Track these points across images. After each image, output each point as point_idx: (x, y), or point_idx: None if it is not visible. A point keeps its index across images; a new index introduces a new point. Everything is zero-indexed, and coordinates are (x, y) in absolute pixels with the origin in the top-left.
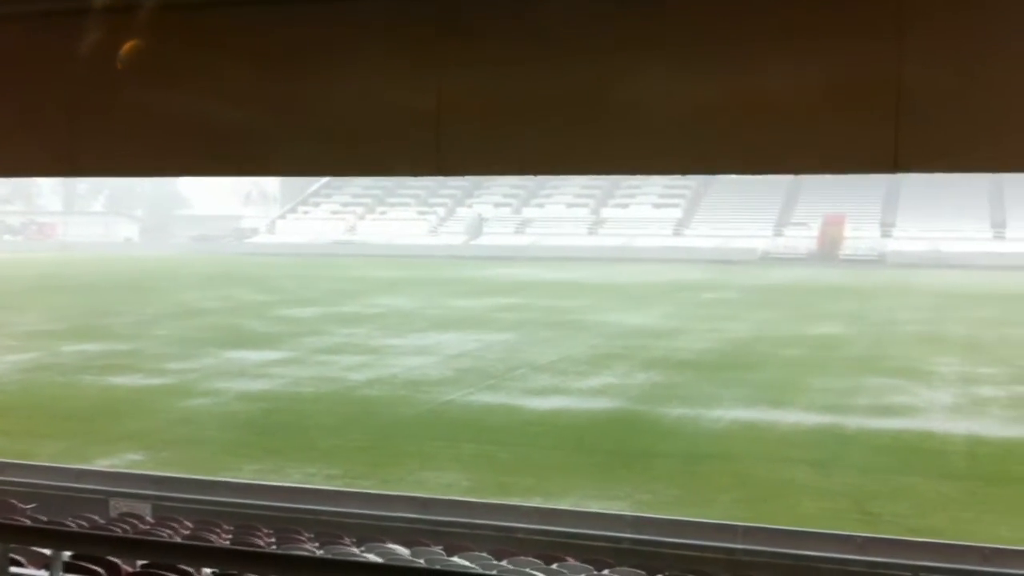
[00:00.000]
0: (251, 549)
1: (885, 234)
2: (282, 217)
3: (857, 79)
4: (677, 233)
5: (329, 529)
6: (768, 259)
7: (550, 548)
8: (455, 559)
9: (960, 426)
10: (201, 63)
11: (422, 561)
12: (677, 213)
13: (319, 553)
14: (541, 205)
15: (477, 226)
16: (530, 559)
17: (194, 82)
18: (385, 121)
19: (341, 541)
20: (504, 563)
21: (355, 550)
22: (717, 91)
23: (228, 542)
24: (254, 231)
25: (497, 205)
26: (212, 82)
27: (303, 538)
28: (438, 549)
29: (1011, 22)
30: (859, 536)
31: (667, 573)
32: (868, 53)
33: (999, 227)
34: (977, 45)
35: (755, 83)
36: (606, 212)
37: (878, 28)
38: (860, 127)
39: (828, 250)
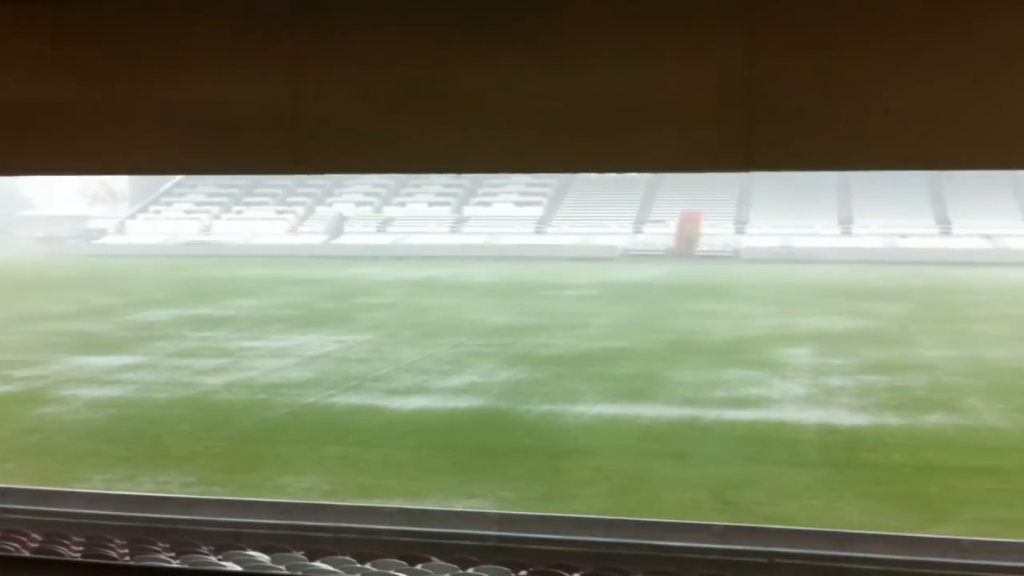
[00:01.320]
0: (103, 561)
1: (739, 231)
2: (132, 217)
3: (710, 78)
4: (539, 231)
5: (185, 538)
6: (628, 256)
7: (415, 549)
8: (317, 564)
9: (811, 415)
10: (49, 56)
11: (283, 567)
12: (539, 211)
13: (175, 563)
14: (403, 204)
15: (337, 225)
16: (394, 560)
17: (41, 76)
18: (240, 118)
19: (198, 550)
20: (368, 566)
21: (213, 559)
22: (576, 90)
23: (79, 555)
24: (102, 232)
25: (358, 204)
26: (59, 76)
27: (158, 548)
28: (300, 555)
29: (861, 20)
30: (718, 525)
31: (532, 569)
32: (720, 52)
33: (846, 223)
34: (828, 44)
35: (611, 82)
36: (468, 210)
37: (730, 27)
38: (714, 126)
39: (685, 246)
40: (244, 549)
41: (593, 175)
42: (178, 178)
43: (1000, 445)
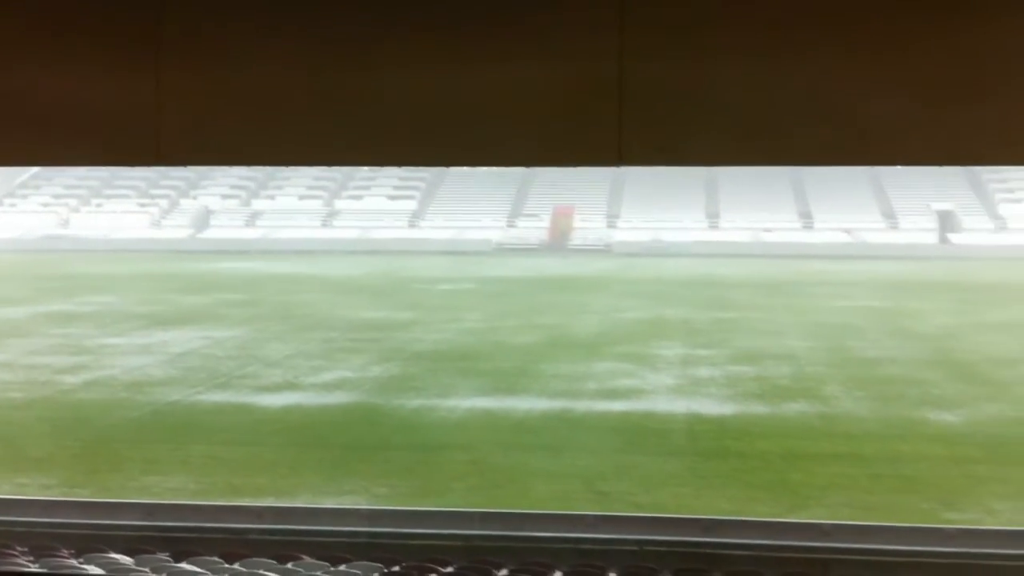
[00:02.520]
0: None
1: (611, 224)
2: None
3: (583, 77)
4: (412, 225)
5: (44, 542)
6: (502, 250)
7: (285, 548)
8: (183, 565)
9: (681, 405)
10: None
11: (147, 570)
12: (412, 205)
13: (33, 567)
14: (272, 197)
15: (203, 218)
16: (264, 560)
17: None
18: (101, 110)
19: (58, 553)
20: (236, 566)
21: (73, 562)
22: (449, 85)
23: None
24: None
25: (224, 197)
26: None
27: (15, 552)
28: (164, 556)
29: (728, 23)
30: (589, 515)
31: (405, 564)
32: (592, 49)
33: (713, 217)
34: (695, 42)
35: (486, 78)
36: (340, 204)
37: (601, 24)
38: (586, 121)
39: (558, 240)
40: (106, 552)
41: (467, 169)
42: (34, 170)
43: (860, 432)
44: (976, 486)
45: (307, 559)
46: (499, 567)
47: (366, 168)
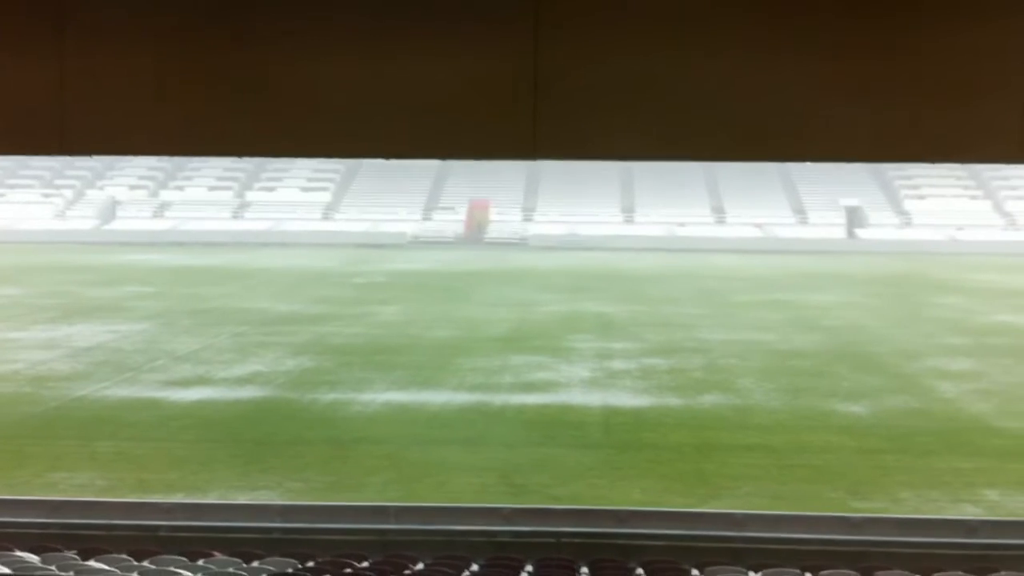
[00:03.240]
0: None
1: (527, 218)
2: None
3: (500, 70)
4: (326, 217)
5: None
6: (417, 243)
7: (196, 544)
8: (91, 563)
9: (596, 398)
10: None
11: (54, 568)
12: (326, 197)
13: None
14: (181, 188)
15: (110, 209)
16: (174, 557)
17: None
18: (0, 96)
19: None
20: (145, 563)
21: None
22: (365, 78)
23: None
24: None
25: (132, 187)
26: None
27: None
28: (71, 554)
29: (642, 20)
30: (506, 508)
31: (320, 560)
32: (508, 44)
33: (629, 212)
34: (610, 39)
35: (404, 71)
36: (251, 195)
37: (517, 20)
38: (501, 115)
39: (474, 234)
40: (11, 550)
41: (382, 161)
42: None
43: (771, 423)
44: (882, 476)
45: (219, 556)
46: (415, 561)
47: (279, 159)
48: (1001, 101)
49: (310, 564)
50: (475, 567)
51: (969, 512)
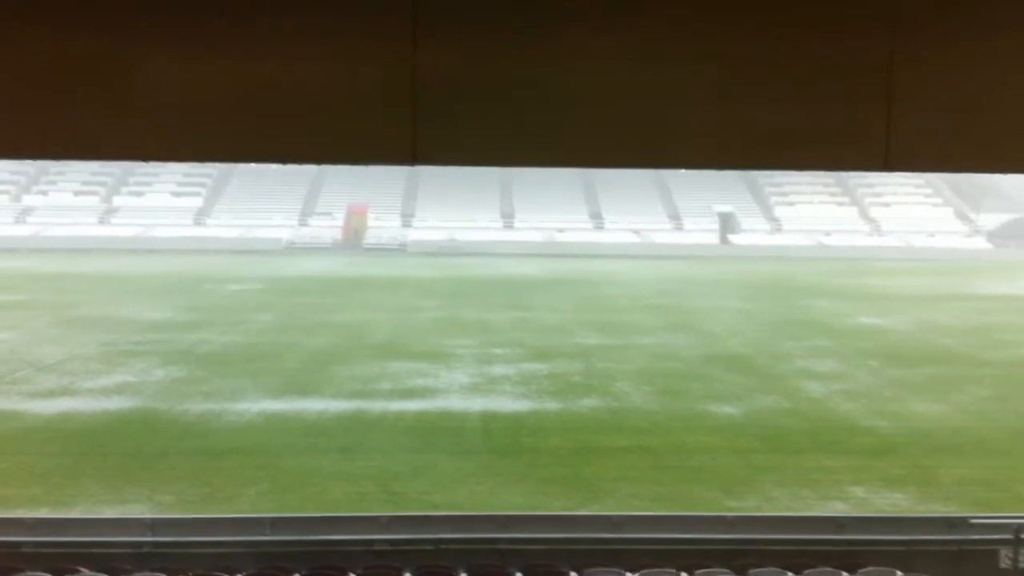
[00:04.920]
0: None
1: (406, 224)
2: None
3: (376, 72)
4: (198, 223)
5: None
6: (293, 249)
7: (61, 560)
8: None
9: (476, 404)
10: None
11: None
12: (198, 202)
13: None
14: (44, 192)
15: None
16: (39, 574)
17: None
18: None
19: None
20: None
21: None
22: (238, 79)
23: None
24: None
25: None
26: None
27: None
28: None
29: (525, 19)
30: (384, 516)
31: (192, 574)
32: (386, 46)
33: (508, 217)
34: (490, 42)
35: (276, 73)
36: (119, 200)
37: (395, 20)
38: (379, 119)
39: (352, 239)
40: None
41: (256, 166)
42: None
43: (648, 425)
44: (754, 475)
45: (86, 572)
46: (291, 573)
47: (148, 163)
48: (866, 110)
49: None
50: None
51: (837, 509)
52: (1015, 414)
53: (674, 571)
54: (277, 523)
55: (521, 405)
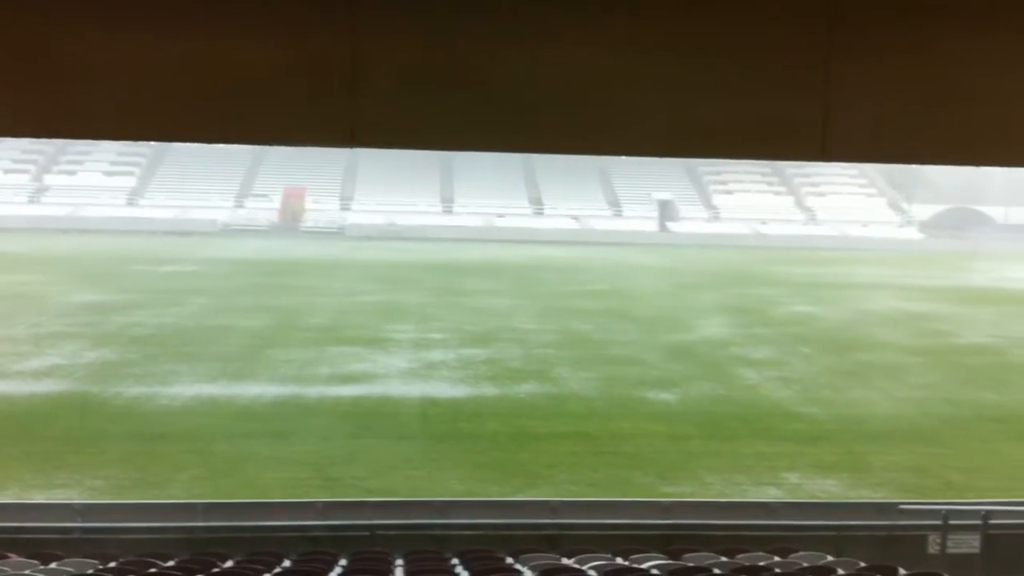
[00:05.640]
0: None
1: (344, 207)
2: None
3: (314, 51)
4: (131, 203)
5: None
6: (229, 231)
7: None
8: None
9: (414, 389)
10: None
11: None
12: (131, 182)
13: None
14: None
15: None
16: None
17: None
18: None
19: None
20: None
21: None
22: (178, 57)
23: None
24: None
25: None
26: None
27: None
28: None
29: (462, 2)
30: (319, 502)
31: (123, 560)
32: (325, 26)
33: (448, 202)
34: (430, 25)
35: (212, 50)
36: (50, 179)
37: (335, 1)
38: (318, 100)
39: (289, 222)
40: None
41: (192, 145)
42: None
43: (586, 411)
44: (690, 461)
45: (15, 557)
46: (224, 559)
47: (80, 141)
48: (804, 100)
49: (112, 565)
50: (287, 563)
51: (771, 495)
52: (945, 402)
53: (610, 556)
54: (211, 509)
55: (459, 390)
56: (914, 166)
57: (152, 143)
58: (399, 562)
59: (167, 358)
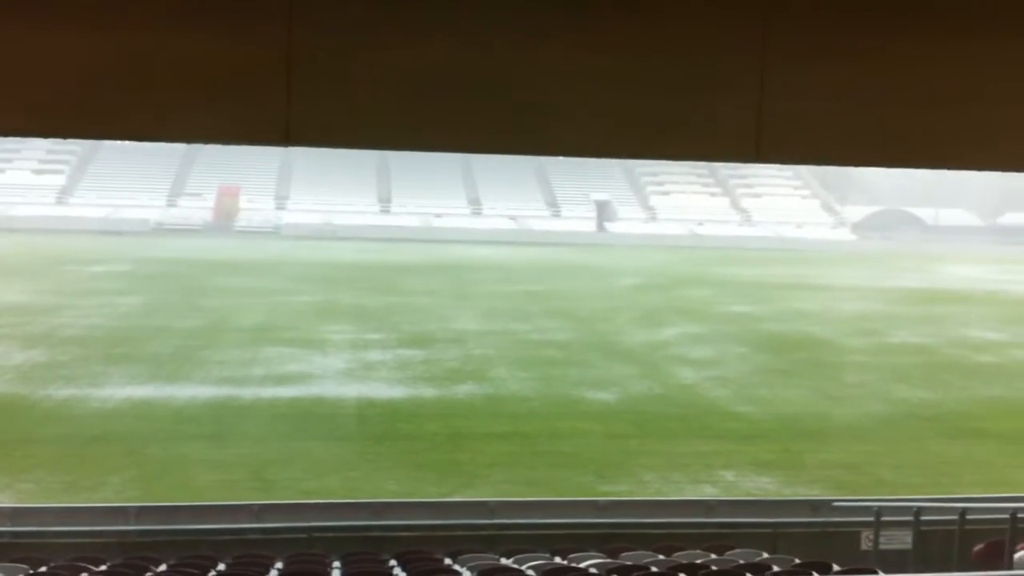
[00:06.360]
0: None
1: (280, 206)
2: None
3: (249, 47)
4: (61, 202)
5: None
6: (162, 230)
7: None
8: None
9: (351, 390)
10: None
11: None
12: (61, 180)
13: None
14: None
15: None
16: None
17: None
18: None
19: None
20: None
21: None
22: (108, 51)
23: None
24: None
25: None
26: None
27: None
28: None
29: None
30: (255, 504)
31: (53, 564)
32: (261, 21)
33: (385, 202)
34: (369, 19)
35: (147, 45)
36: None
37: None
38: (252, 97)
39: (223, 221)
40: None
41: (124, 144)
42: None
43: (524, 411)
44: (627, 459)
45: None
46: (158, 563)
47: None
48: (739, 101)
49: (43, 569)
50: (222, 566)
51: (708, 492)
52: (877, 400)
53: (548, 556)
54: (144, 512)
55: (397, 391)
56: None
57: (83, 141)
58: (336, 564)
59: (98, 360)
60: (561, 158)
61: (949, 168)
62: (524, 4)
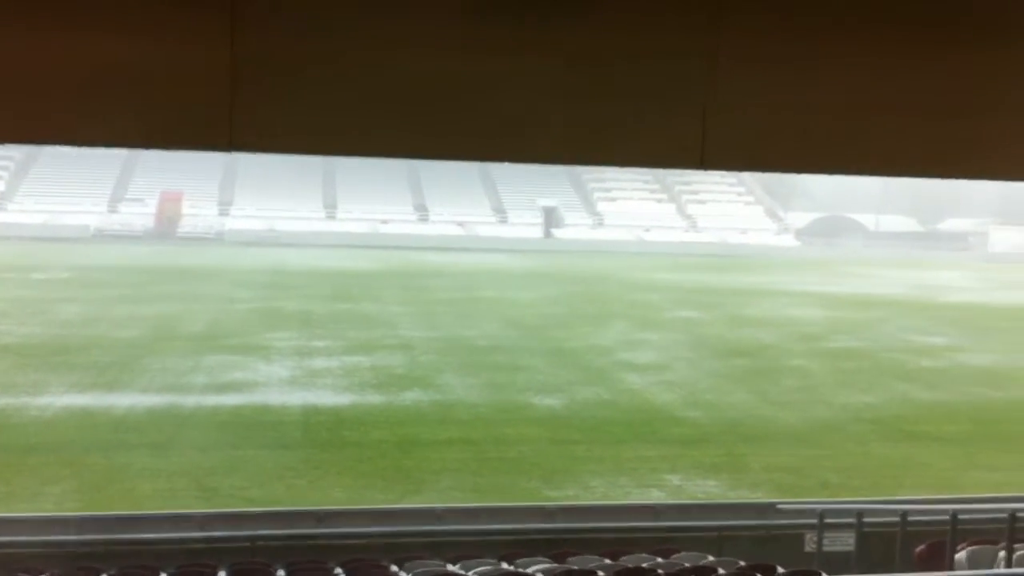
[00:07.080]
0: None
1: (223, 212)
2: None
3: (191, 51)
4: None
5: None
6: (102, 236)
7: None
8: None
9: (296, 397)
10: None
11: None
12: None
13: None
14: None
15: None
16: None
17: None
18: None
19: None
20: None
21: None
22: (40, 54)
23: None
24: None
25: None
26: None
27: None
28: None
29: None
30: (198, 513)
31: None
32: (203, 23)
33: (331, 208)
34: (315, 24)
35: (84, 49)
36: None
37: (211, 2)
38: (195, 103)
39: (166, 227)
40: None
41: (63, 149)
42: None
43: (471, 417)
44: (574, 465)
45: None
46: (99, 573)
47: None
48: (683, 108)
49: None
50: None
51: (654, 496)
52: (820, 404)
53: (495, 561)
54: (84, 522)
55: (343, 398)
56: (791, 176)
57: (20, 146)
58: (280, 573)
59: (36, 368)
60: (508, 164)
61: (892, 175)
62: (471, 13)
